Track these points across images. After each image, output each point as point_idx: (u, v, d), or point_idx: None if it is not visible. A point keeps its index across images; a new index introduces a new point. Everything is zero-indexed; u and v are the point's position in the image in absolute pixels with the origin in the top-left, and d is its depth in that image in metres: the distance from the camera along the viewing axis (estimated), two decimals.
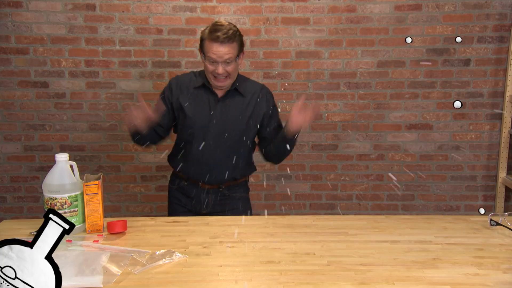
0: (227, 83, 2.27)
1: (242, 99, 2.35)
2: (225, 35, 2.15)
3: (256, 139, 2.51)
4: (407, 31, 3.36)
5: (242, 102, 2.35)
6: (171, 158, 2.53)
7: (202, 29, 2.24)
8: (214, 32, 2.16)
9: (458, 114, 3.48)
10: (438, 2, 3.32)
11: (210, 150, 2.32)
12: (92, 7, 3.29)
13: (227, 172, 2.37)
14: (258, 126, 2.40)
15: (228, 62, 2.19)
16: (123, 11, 3.31)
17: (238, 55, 2.25)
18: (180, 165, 2.43)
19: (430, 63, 3.38)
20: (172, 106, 2.38)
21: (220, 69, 2.19)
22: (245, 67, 3.37)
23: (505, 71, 3.40)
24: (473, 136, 3.51)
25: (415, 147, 3.53)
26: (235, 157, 2.37)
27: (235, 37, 2.20)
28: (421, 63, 3.39)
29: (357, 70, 3.42)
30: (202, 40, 2.24)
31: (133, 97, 3.42)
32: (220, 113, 2.33)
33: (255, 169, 2.56)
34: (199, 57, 3.37)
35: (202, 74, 2.38)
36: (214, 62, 2.19)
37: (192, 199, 2.44)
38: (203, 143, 2.32)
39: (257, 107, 2.37)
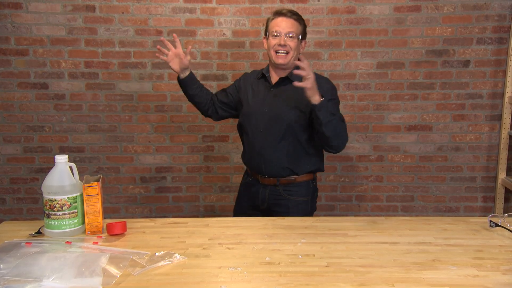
0: (288, 59, 2.35)
1: (296, 87, 2.27)
2: (290, 11, 2.35)
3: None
4: (406, 32, 3.36)
5: (294, 88, 2.26)
6: (242, 154, 2.62)
7: (269, 17, 2.43)
8: (280, 9, 2.38)
9: (458, 115, 3.48)
10: (437, 3, 3.32)
11: (263, 137, 2.41)
12: (91, 8, 3.29)
13: (282, 163, 2.40)
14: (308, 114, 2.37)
15: (290, 37, 2.32)
16: (122, 13, 3.31)
17: (299, 36, 2.37)
18: (245, 159, 2.56)
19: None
20: (238, 93, 2.57)
21: (283, 40, 2.31)
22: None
23: (505, 72, 3.40)
24: (472, 137, 3.51)
25: (414, 148, 3.53)
26: (289, 146, 2.39)
27: (300, 18, 2.38)
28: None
29: (356, 71, 3.43)
30: (267, 22, 2.41)
31: (133, 98, 3.43)
32: (272, 100, 2.42)
33: (322, 169, 2.54)
34: (199, 58, 3.39)
35: (265, 68, 2.52)
36: (278, 35, 2.33)
37: (254, 194, 2.51)
38: (256, 130, 2.42)
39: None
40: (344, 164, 3.56)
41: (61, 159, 1.75)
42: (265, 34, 2.45)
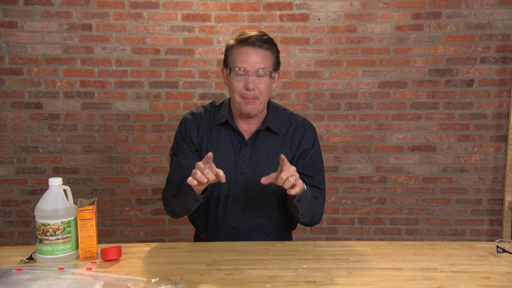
0: (257, 107, 1.84)
1: (276, 139, 1.94)
2: (258, 39, 1.80)
3: None
4: (408, 51, 3.33)
5: (276, 143, 1.93)
6: (196, 223, 2.11)
7: (228, 41, 1.90)
8: (245, 35, 1.82)
9: (462, 135, 3.42)
10: (440, 22, 3.29)
11: (239, 209, 1.96)
12: (88, 27, 3.26)
13: (264, 236, 2.01)
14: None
15: (260, 75, 1.80)
16: (119, 31, 3.28)
17: (272, 72, 1.85)
18: (205, 231, 2.06)
19: None
20: (195, 146, 1.96)
21: (251, 83, 1.78)
22: None
23: (509, 92, 3.36)
24: (477, 158, 3.45)
25: (418, 169, 3.47)
26: (273, 216, 2.00)
27: (271, 45, 1.85)
28: None
29: (358, 91, 3.38)
30: (227, 50, 1.87)
31: (129, 118, 3.37)
32: (249, 159, 1.93)
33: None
34: (197, 77, 3.35)
35: (225, 106, 1.98)
36: (243, 74, 1.80)
37: None
38: (230, 200, 1.95)
39: (293, 147, 1.96)
40: (346, 186, 3.50)
41: (55, 182, 1.70)
42: (225, 65, 1.89)
